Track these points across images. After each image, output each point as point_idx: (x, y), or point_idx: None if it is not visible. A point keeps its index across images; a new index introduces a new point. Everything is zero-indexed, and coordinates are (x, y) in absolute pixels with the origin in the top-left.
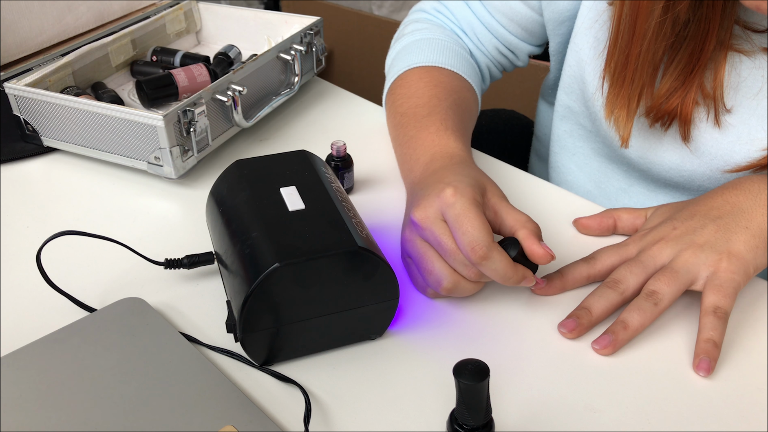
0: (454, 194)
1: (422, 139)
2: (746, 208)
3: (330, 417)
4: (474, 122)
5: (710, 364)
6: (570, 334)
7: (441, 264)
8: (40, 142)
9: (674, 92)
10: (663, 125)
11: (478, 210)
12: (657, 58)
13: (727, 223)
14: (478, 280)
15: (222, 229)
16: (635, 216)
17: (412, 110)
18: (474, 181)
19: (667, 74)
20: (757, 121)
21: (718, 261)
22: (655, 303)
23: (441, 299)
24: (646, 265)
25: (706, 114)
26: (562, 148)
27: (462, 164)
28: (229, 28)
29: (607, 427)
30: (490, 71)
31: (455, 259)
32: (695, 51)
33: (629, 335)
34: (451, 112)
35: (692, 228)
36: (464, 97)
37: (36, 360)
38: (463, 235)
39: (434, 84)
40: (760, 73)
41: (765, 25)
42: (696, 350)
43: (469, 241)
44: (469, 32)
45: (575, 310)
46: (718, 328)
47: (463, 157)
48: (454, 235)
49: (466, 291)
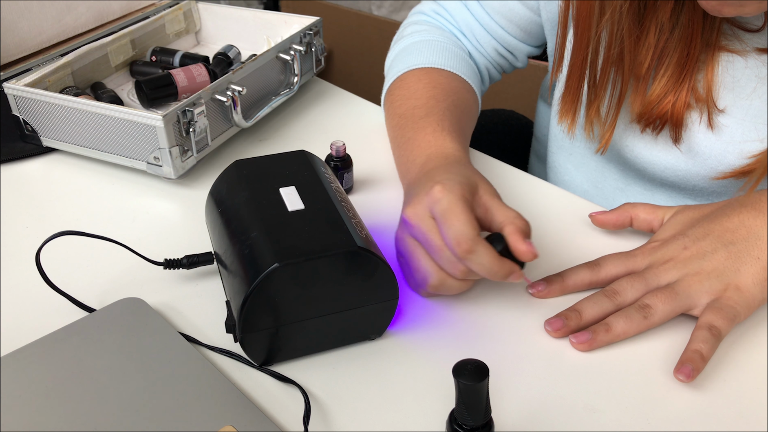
0: (442, 191)
1: (419, 140)
2: (761, 235)
3: (329, 417)
4: (473, 123)
5: (692, 372)
6: (555, 333)
7: (428, 261)
8: (39, 142)
9: (665, 97)
10: (654, 129)
11: (464, 206)
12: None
13: (740, 251)
14: (465, 277)
15: (221, 229)
16: (653, 216)
17: (410, 111)
18: (464, 178)
19: (657, 79)
20: (751, 121)
21: (723, 291)
22: (645, 316)
23: (438, 299)
24: (649, 282)
25: (699, 116)
26: (560, 148)
27: (456, 164)
28: (228, 29)
29: (607, 427)
30: (489, 73)
31: (441, 256)
32: (682, 56)
33: (609, 339)
34: (448, 113)
35: (703, 251)
36: (463, 98)
37: (36, 360)
38: (448, 230)
39: (433, 85)
40: (754, 73)
41: (758, 25)
42: (682, 357)
43: (455, 234)
44: (468, 34)
45: (566, 310)
46: (709, 342)
47: (458, 157)
48: (440, 230)
49: (453, 289)
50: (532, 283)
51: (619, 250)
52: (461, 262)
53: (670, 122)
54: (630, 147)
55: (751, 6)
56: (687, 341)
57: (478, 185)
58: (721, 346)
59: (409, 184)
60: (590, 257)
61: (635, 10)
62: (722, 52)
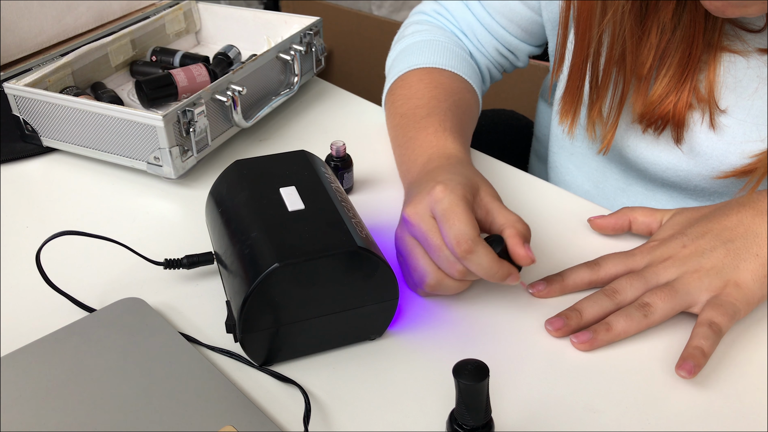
0: (443, 191)
1: (420, 140)
2: (760, 233)
3: (330, 417)
4: (474, 123)
5: (694, 368)
6: (555, 333)
7: (426, 261)
8: (39, 142)
9: (666, 97)
10: (656, 130)
11: (466, 206)
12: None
13: (738, 248)
14: (463, 278)
15: (221, 229)
16: (651, 219)
17: (412, 111)
18: (466, 179)
19: (659, 79)
20: (752, 121)
21: (722, 288)
22: (645, 315)
23: (438, 299)
24: (649, 281)
25: (701, 117)
26: (561, 148)
27: (458, 164)
28: (228, 29)
29: (607, 427)
30: (491, 72)
31: (440, 256)
32: (684, 56)
33: (610, 338)
34: (450, 113)
35: (701, 249)
36: (464, 98)
37: (36, 360)
38: (449, 229)
39: (434, 85)
40: (756, 73)
41: (759, 25)
42: (683, 354)
43: (455, 234)
44: (469, 33)
45: (566, 310)
46: (710, 338)
47: (459, 157)
48: (441, 230)
49: (450, 289)
50: (532, 283)
51: (619, 250)
52: (460, 262)
53: (672, 122)
54: (632, 147)
55: (755, 7)
56: (687, 340)
57: (479, 186)
58: (721, 345)
59: (410, 183)
60: (590, 257)
61: (637, 11)
62: (724, 53)
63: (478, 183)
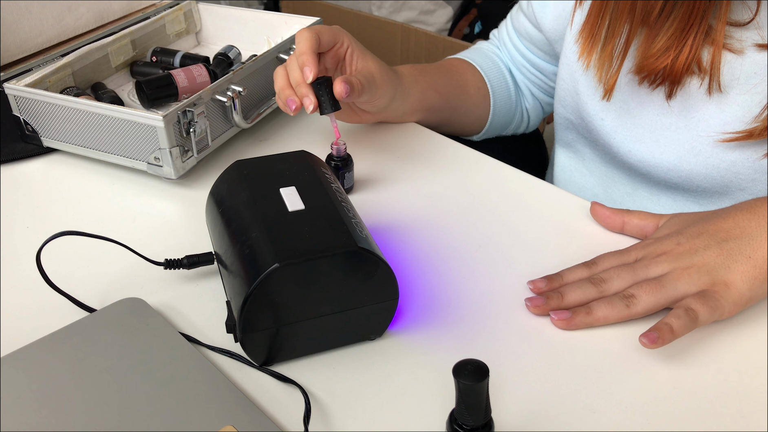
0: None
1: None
2: (755, 235)
3: (330, 417)
4: (452, 82)
5: (657, 339)
6: (534, 309)
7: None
8: (39, 143)
9: (666, 51)
10: (651, 84)
11: (315, 37)
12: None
13: (732, 249)
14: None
15: (222, 229)
16: (646, 222)
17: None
18: (366, 51)
19: (662, 33)
20: (752, 99)
21: (711, 286)
22: (628, 305)
23: (438, 299)
24: (638, 273)
25: (699, 82)
26: (572, 155)
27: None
28: (228, 29)
29: (607, 427)
30: (531, 90)
31: (290, 64)
32: (688, 9)
33: (588, 321)
34: (429, 66)
35: (695, 248)
36: (457, 67)
37: (36, 360)
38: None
39: (440, 63)
40: (753, 70)
41: (746, 19)
42: (651, 327)
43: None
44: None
45: (549, 291)
46: (683, 319)
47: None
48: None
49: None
50: (533, 280)
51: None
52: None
53: (669, 79)
54: (634, 152)
55: None
56: (687, 342)
57: (367, 54)
58: (721, 344)
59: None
60: (590, 257)
61: None
62: (724, 51)
63: (366, 52)
